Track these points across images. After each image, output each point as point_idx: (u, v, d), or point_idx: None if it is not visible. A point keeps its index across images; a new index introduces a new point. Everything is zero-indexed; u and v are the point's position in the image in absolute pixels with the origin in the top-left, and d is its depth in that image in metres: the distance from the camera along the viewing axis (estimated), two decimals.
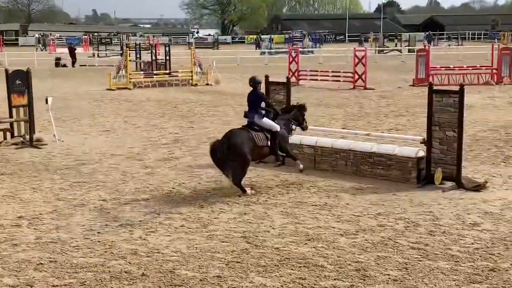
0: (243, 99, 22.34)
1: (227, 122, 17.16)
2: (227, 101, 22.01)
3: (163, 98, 23.06)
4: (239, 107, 20.38)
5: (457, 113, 9.94)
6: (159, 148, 13.61)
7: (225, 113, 18.96)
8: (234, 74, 33.94)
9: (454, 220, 8.33)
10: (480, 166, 11.48)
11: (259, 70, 35.72)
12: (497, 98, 21.65)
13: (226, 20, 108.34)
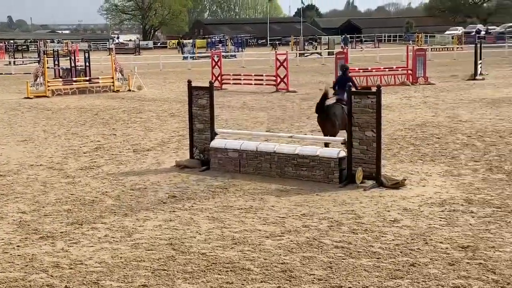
0: (166, 104, 22.31)
1: (150, 128, 16.98)
2: (150, 107, 21.77)
3: (83, 106, 22.55)
4: (163, 112, 20.22)
5: (375, 113, 10.21)
6: (81, 157, 13.29)
7: (148, 119, 18.74)
8: (157, 80, 33.65)
9: (375, 217, 8.54)
10: (398, 164, 11.82)
11: (182, 75, 35.61)
12: (413, 98, 22.38)
13: (147, 25, 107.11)
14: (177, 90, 27.72)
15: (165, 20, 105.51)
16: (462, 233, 7.76)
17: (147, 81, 31.11)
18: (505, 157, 12.13)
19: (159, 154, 13.37)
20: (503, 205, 8.95)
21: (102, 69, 37.29)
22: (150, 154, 13.44)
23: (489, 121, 16.61)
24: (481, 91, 23.77)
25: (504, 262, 6.77)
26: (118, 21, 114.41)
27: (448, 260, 6.86)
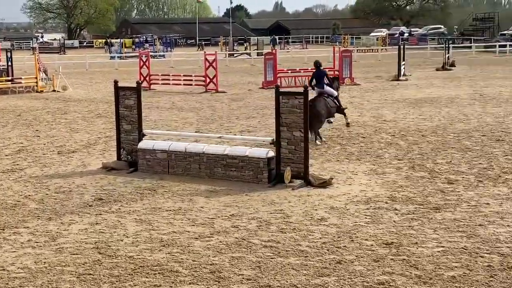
0: (92, 105, 21.86)
1: (75, 130, 16.60)
2: (76, 108, 21.28)
3: (5, 107, 21.80)
4: (89, 113, 19.80)
5: (303, 114, 10.33)
6: (2, 159, 12.84)
7: (73, 121, 18.31)
8: (83, 80, 32.92)
9: (303, 216, 8.64)
10: (326, 163, 12.01)
11: (109, 75, 34.99)
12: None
13: (73, 24, 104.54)
14: (103, 90, 27.21)
15: (91, 19, 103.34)
16: (386, 230, 7.95)
17: (73, 81, 30.37)
18: (427, 155, 12.52)
19: (85, 156, 13.08)
20: (425, 202, 9.23)
21: (26, 68, 36.14)
22: (76, 156, 13.14)
23: (412, 120, 17.11)
24: (404, 92, 24.46)
25: (426, 257, 6.99)
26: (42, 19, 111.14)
27: (373, 257, 7.02)
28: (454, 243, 7.43)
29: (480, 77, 30.04)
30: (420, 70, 35.14)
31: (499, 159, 12.04)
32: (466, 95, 22.67)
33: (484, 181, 10.36)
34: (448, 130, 15.41)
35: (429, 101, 21.22)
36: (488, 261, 6.84)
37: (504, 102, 20.46)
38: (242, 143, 12.19)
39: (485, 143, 13.64)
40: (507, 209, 8.76)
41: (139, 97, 11.83)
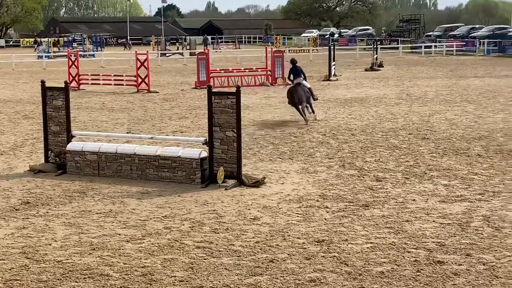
0: (19, 106, 21.20)
1: (1, 131, 16.07)
2: (2, 109, 20.59)
3: None
4: (15, 114, 19.20)
5: (235, 113, 10.34)
6: None
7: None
8: (9, 80, 31.91)
9: (236, 216, 8.65)
10: (259, 163, 12.06)
11: (37, 75, 34.03)
12: (272, 98, 22.95)
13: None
14: (31, 90, 26.44)
15: (18, 17, 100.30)
16: (317, 228, 8.06)
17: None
18: (356, 153, 12.76)
19: (11, 159, 12.67)
20: (355, 199, 9.40)
21: None
22: (1, 158, 12.71)
23: (342, 120, 17.41)
24: (334, 91, 24.87)
25: (356, 254, 7.12)
26: None
27: (305, 255, 7.10)
28: (383, 239, 7.60)
29: (407, 77, 30.88)
30: (350, 71, 35.81)
31: (425, 156, 12.39)
32: (393, 95, 23.25)
33: (411, 178, 10.65)
34: (376, 129, 15.76)
35: (358, 101, 21.65)
36: (415, 256, 7.02)
37: (429, 101, 21.09)
38: (175, 144, 12.11)
39: (411, 141, 14.02)
40: (433, 205, 9.02)
41: (67, 98, 11.55)
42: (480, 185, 10.13)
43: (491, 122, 16.49)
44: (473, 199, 9.32)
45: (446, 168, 11.35)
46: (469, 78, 30.08)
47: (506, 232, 7.76)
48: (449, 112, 18.52)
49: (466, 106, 19.70)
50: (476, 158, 12.16)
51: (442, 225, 8.11)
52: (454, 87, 25.59)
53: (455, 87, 25.59)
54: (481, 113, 18.18)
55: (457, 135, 14.60)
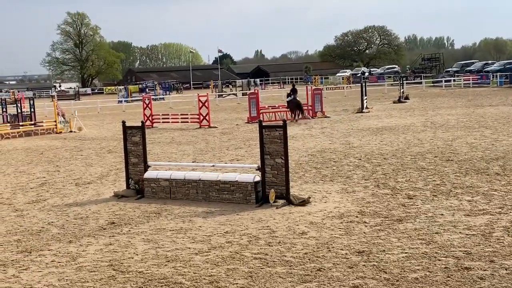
0: (104, 142, 21.75)
1: (90, 164, 16.48)
2: (90, 145, 21.16)
3: (29, 147, 21.63)
4: (101, 150, 19.69)
5: (283, 143, 10.35)
6: (28, 192, 12.69)
7: (88, 156, 18.18)
8: (95, 121, 32.82)
9: (287, 231, 8.59)
10: (304, 185, 11.98)
11: (118, 116, 34.90)
12: (313, 129, 22.87)
13: (85, 74, 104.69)
14: (113, 129, 27.10)
15: (101, 69, 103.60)
16: (358, 240, 7.92)
17: (87, 122, 30.29)
18: (389, 175, 12.54)
19: (98, 187, 12.97)
20: (389, 215, 9.22)
21: (46, 113, 35.99)
22: (91, 186, 13.02)
23: (375, 146, 17.18)
24: (367, 122, 24.61)
25: (393, 263, 6.95)
26: (59, 71, 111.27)
27: (348, 264, 6.98)
28: (416, 249, 7.40)
29: (430, 108, 30.32)
30: (380, 103, 35.41)
31: (450, 176, 12.09)
32: (419, 123, 22.84)
33: (438, 196, 10.38)
34: (405, 153, 15.48)
35: (388, 129, 21.35)
36: (445, 263, 6.82)
37: (451, 128, 20.63)
38: (232, 170, 12.16)
39: (437, 163, 13.70)
40: (458, 219, 8.77)
41: (143, 134, 11.79)
42: (500, 199, 9.80)
43: (507, 144, 15.99)
44: (494, 212, 9.01)
45: (469, 186, 11.04)
46: (485, 107, 29.32)
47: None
48: (469, 136, 18.06)
49: (483, 131, 19.18)
50: (495, 176, 11.79)
51: (468, 235, 7.86)
52: (473, 115, 24.98)
53: (473, 115, 24.98)
54: (497, 137, 17.67)
55: (477, 157, 14.20)
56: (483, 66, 65.56)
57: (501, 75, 50.87)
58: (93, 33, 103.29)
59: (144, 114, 27.76)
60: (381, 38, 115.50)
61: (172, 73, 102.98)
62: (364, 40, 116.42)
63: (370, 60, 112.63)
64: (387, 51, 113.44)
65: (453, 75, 59.10)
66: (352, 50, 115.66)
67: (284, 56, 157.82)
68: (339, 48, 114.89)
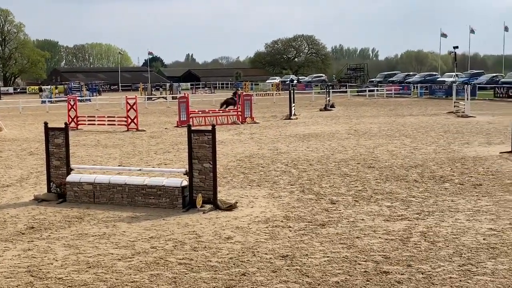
0: (25, 144, 20.84)
1: (9, 166, 15.72)
2: (10, 147, 20.19)
3: None
4: (22, 151, 18.85)
5: (211, 148, 10.31)
6: None
7: (7, 158, 17.34)
8: (17, 122, 31.39)
9: (213, 236, 8.55)
10: (231, 190, 11.99)
11: (41, 117, 33.53)
12: (242, 134, 22.97)
13: (8, 73, 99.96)
14: (35, 131, 26.02)
15: (25, 68, 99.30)
16: (282, 245, 8.00)
17: (7, 123, 28.90)
18: (314, 180, 12.79)
19: (18, 190, 12.39)
20: (313, 219, 9.39)
21: None
22: (10, 189, 12.41)
23: (302, 152, 17.48)
24: (295, 128, 25.01)
25: (315, 266, 7.08)
26: None
27: (272, 268, 7.03)
28: (337, 253, 7.58)
29: (354, 116, 31.25)
30: (307, 111, 36.11)
31: (371, 182, 12.48)
32: (343, 131, 23.48)
33: (360, 201, 10.69)
34: (330, 159, 15.85)
35: (314, 136, 21.80)
36: (365, 267, 7.02)
37: (373, 136, 21.35)
38: (160, 175, 11.98)
39: (359, 169, 14.12)
40: (378, 224, 9.06)
41: (67, 136, 11.39)
42: (417, 206, 10.22)
43: (425, 152, 16.74)
44: (412, 218, 9.39)
45: (389, 192, 11.44)
46: (406, 116, 30.57)
47: (440, 246, 7.81)
48: (390, 144, 18.75)
49: (404, 140, 19.97)
50: (413, 183, 12.29)
51: (387, 240, 8.13)
52: (394, 124, 25.97)
53: (394, 124, 25.98)
54: (416, 145, 18.46)
55: (397, 164, 14.77)
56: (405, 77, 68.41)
57: (421, 86, 53.25)
58: (17, 31, 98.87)
59: (69, 116, 26.86)
60: (310, 47, 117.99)
61: (100, 74, 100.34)
62: (293, 48, 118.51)
63: (298, 68, 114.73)
64: (315, 60, 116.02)
65: (377, 85, 61.26)
66: (282, 57, 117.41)
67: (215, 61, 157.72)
68: (269, 55, 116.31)
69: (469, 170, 13.64)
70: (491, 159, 15.24)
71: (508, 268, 6.81)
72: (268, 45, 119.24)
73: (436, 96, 48.90)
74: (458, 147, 17.77)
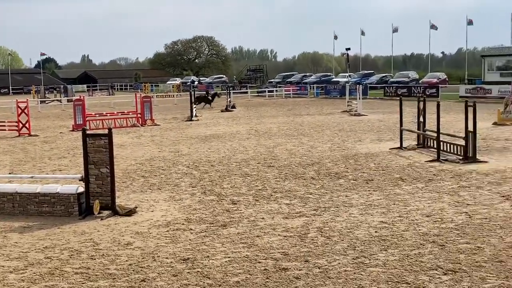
0: None
1: None
2: None
3: None
4: None
5: (108, 152, 10.01)
6: None
7: None
8: None
9: (111, 243, 8.30)
10: (131, 194, 11.72)
11: None
12: (142, 137, 22.53)
13: None
14: None
15: None
16: (183, 248, 7.94)
17: None
18: (215, 181, 12.82)
19: None
20: (215, 221, 9.41)
21: None
22: None
23: (203, 153, 17.45)
24: (196, 130, 24.93)
25: (216, 268, 7.09)
26: None
27: (172, 272, 6.96)
28: (238, 253, 7.64)
29: (255, 116, 31.72)
30: (208, 112, 36.12)
31: (271, 181, 12.73)
32: (244, 131, 23.75)
33: (260, 200, 10.86)
34: (231, 160, 15.97)
35: (216, 137, 21.86)
36: (264, 265, 7.13)
37: (273, 136, 21.78)
38: (54, 181, 11.45)
39: (260, 169, 14.35)
40: (278, 221, 9.25)
41: None
42: (314, 202, 10.56)
43: (321, 150, 17.34)
44: (309, 214, 9.68)
45: (288, 190, 11.73)
46: (303, 116, 31.51)
47: (335, 240, 8.12)
48: (289, 143, 19.23)
49: (301, 139, 20.57)
50: (311, 180, 12.69)
51: (286, 237, 8.32)
52: (292, 124, 26.67)
53: (292, 124, 26.68)
54: (313, 143, 19.08)
55: (296, 162, 15.17)
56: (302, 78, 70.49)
57: (317, 87, 55.13)
58: None
59: None
60: (210, 48, 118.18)
61: None
62: (194, 49, 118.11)
63: (199, 69, 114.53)
64: (215, 61, 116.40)
65: (276, 85, 62.62)
66: (182, 58, 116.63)
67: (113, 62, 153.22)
68: (170, 56, 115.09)
69: (362, 166, 14.31)
70: (382, 155, 16.10)
71: (398, 258, 7.22)
72: (168, 46, 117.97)
73: (331, 96, 50.85)
74: (352, 144, 18.59)
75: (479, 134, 16.99)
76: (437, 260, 7.10)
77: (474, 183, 11.82)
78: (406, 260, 7.15)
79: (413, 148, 16.92)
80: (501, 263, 6.92)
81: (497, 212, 9.40)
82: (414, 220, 9.04)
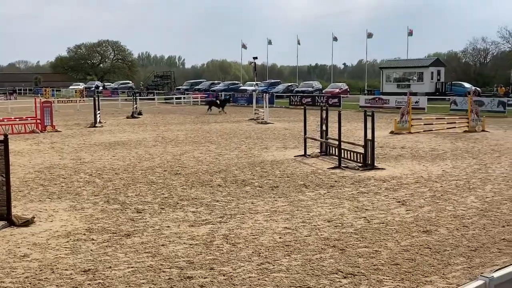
0: None
1: None
2: None
3: None
4: None
5: (3, 159, 9.46)
6: None
7: None
8: None
9: (6, 255, 7.84)
10: (29, 204, 11.14)
11: None
12: (42, 144, 21.52)
13: None
14: None
15: None
16: (84, 259, 7.66)
17: None
18: (120, 190, 12.50)
19: None
20: (118, 230, 9.16)
21: None
22: None
23: (107, 161, 16.97)
24: (100, 136, 24.20)
25: (119, 278, 6.90)
26: None
27: (72, 284, 6.68)
28: (142, 262, 7.49)
29: (162, 123, 31.35)
30: (113, 118, 35.23)
31: (177, 189, 12.62)
32: (151, 138, 23.39)
33: (166, 208, 10.73)
34: (137, 167, 15.66)
35: (121, 144, 21.34)
36: (169, 274, 7.04)
37: (180, 143, 21.63)
38: None
39: (166, 176, 14.18)
40: (183, 230, 9.18)
41: None
42: (221, 209, 10.59)
43: (228, 158, 17.46)
44: (215, 221, 9.69)
45: (194, 197, 11.68)
46: (211, 123, 31.57)
47: (240, 247, 8.19)
48: (196, 151, 19.18)
49: (209, 146, 20.59)
50: (217, 188, 12.73)
51: (191, 245, 8.27)
52: (200, 131, 26.64)
53: (200, 131, 26.65)
54: (221, 151, 19.16)
55: (203, 170, 15.16)
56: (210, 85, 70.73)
57: (225, 94, 55.49)
58: None
59: None
60: (115, 53, 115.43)
61: None
62: (98, 54, 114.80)
63: (104, 74, 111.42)
64: (121, 66, 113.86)
65: (184, 92, 62.28)
66: (86, 63, 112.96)
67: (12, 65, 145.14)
68: (72, 60, 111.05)
69: (268, 173, 14.57)
70: (287, 162, 16.49)
71: (301, 263, 7.41)
72: (71, 49, 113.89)
73: (239, 103, 51.38)
74: (258, 152, 18.88)
75: (377, 142, 17.91)
76: (338, 264, 7.37)
77: (372, 189, 12.42)
78: (308, 264, 7.36)
79: (316, 156, 17.49)
80: (397, 266, 7.31)
81: (394, 216, 9.93)
82: (316, 225, 9.33)
